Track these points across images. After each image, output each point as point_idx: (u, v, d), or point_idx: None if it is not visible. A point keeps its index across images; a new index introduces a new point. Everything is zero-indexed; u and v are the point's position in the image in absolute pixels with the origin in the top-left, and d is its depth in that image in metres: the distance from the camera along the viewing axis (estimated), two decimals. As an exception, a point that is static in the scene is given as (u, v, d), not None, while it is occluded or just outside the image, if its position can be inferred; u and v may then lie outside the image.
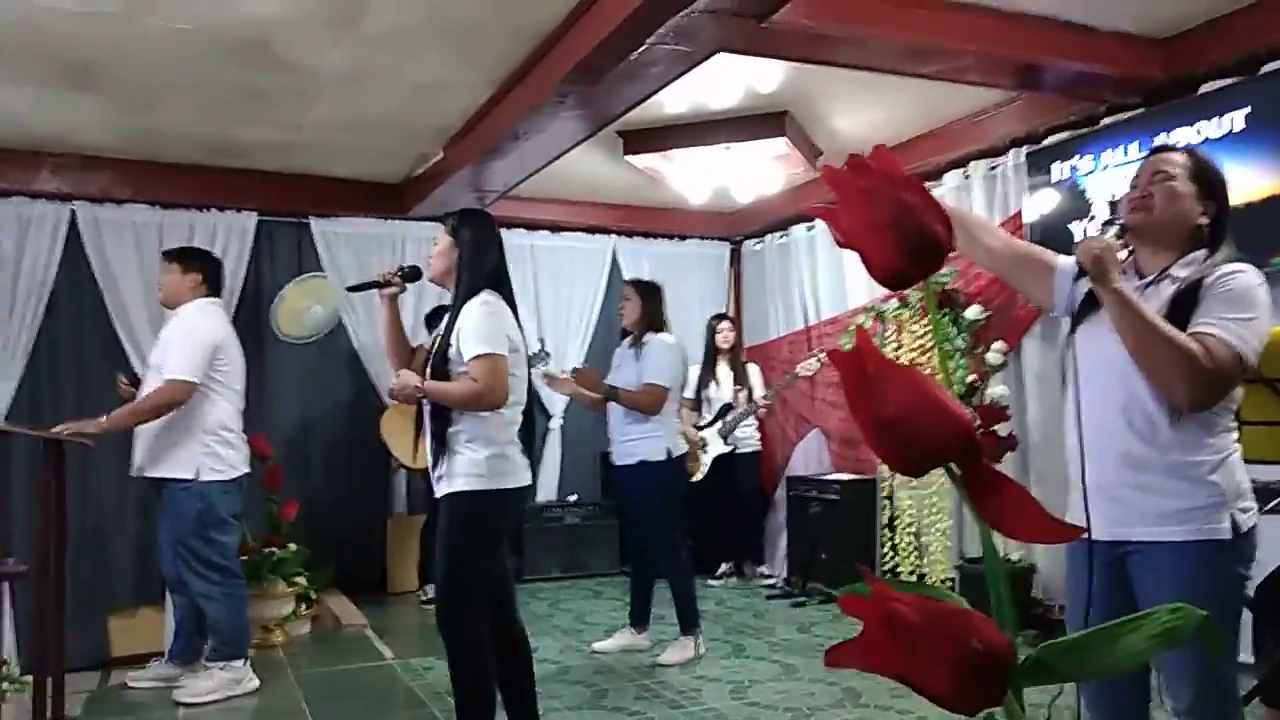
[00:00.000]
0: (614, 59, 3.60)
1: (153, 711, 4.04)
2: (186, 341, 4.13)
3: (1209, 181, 2.10)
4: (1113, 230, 2.06)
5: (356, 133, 5.24)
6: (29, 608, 4.98)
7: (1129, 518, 2.00)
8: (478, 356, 2.96)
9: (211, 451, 4.12)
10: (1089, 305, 2.08)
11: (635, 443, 4.60)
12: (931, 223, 0.91)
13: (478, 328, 2.99)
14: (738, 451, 6.38)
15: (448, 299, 3.26)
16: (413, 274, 3.36)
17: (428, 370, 3.09)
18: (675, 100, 4.86)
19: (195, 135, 5.23)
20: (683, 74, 3.79)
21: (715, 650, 4.67)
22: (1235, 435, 2.05)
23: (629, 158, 5.41)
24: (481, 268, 3.12)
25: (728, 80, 4.64)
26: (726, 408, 6.36)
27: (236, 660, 4.16)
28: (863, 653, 0.83)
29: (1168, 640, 0.87)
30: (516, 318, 3.17)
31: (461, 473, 2.98)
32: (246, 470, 4.33)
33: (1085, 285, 2.08)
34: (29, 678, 3.86)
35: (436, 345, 3.10)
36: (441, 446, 3.01)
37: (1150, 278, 2.09)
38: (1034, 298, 2.33)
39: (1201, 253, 2.06)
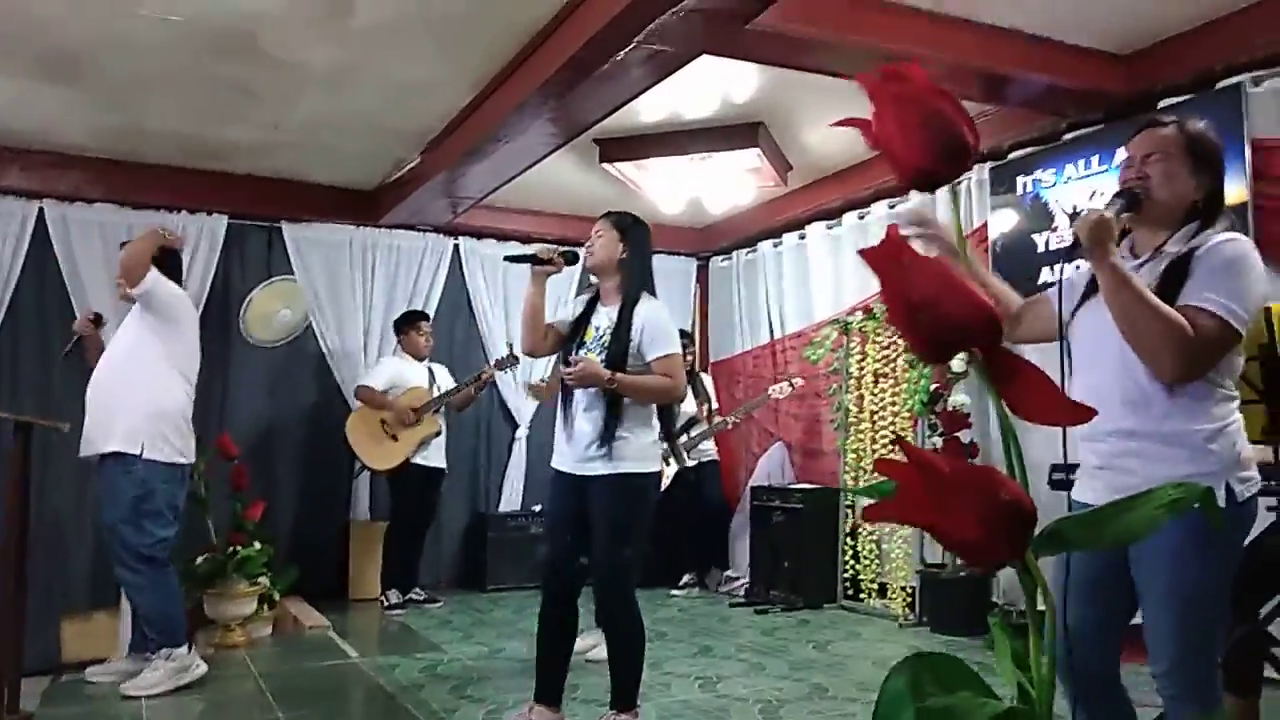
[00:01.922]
0: (601, 58, 3.69)
1: (111, 704, 3.96)
2: (171, 285, 4.17)
3: (1202, 156, 2.08)
4: (1116, 205, 2.04)
5: (336, 134, 5.27)
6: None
7: (1126, 484, 1.91)
8: (668, 355, 3.24)
9: (159, 433, 4.05)
10: (1092, 288, 2.10)
11: None
12: (960, 126, 0.98)
13: (665, 329, 3.28)
14: (700, 462, 6.44)
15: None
16: (572, 258, 3.49)
17: (577, 354, 3.28)
18: (651, 108, 4.96)
19: (175, 134, 5.24)
20: (668, 75, 3.89)
21: (681, 650, 4.70)
22: (1235, 404, 2.04)
23: (605, 165, 5.48)
24: (648, 271, 3.39)
25: (703, 89, 4.74)
26: (691, 422, 6.42)
27: (179, 648, 4.09)
28: (898, 507, 0.90)
29: (1173, 510, 0.95)
30: None
31: (630, 455, 3.20)
32: (191, 460, 4.25)
33: (1087, 271, 2.10)
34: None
35: (614, 338, 3.24)
36: (609, 431, 3.18)
37: (1145, 257, 2.09)
38: (1045, 335, 2.26)
39: (1194, 225, 2.06)
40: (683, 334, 6.71)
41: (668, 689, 3.97)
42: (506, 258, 3.74)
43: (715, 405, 6.59)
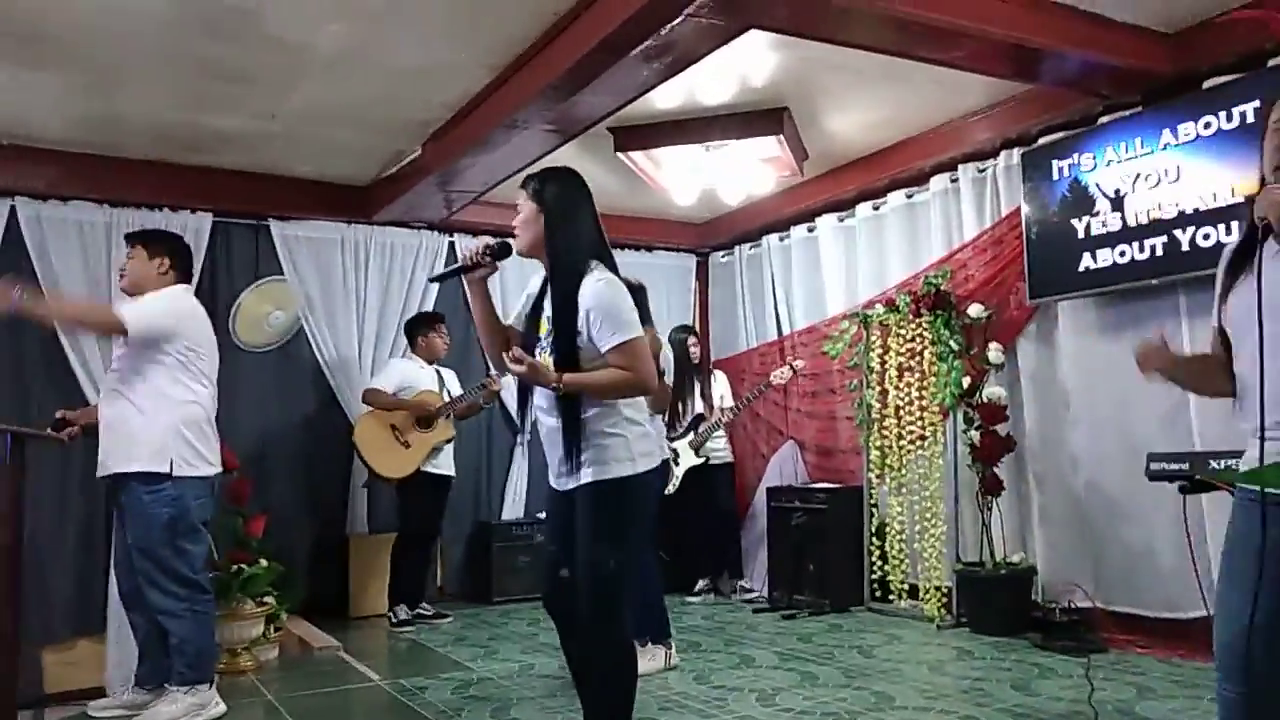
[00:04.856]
0: (644, 33, 3.46)
1: (121, 742, 3.66)
2: (154, 303, 3.80)
3: None
4: None
5: (333, 124, 4.98)
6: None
7: None
8: (625, 342, 2.65)
9: (187, 443, 3.76)
10: (1240, 265, 2.04)
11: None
12: None
13: (615, 310, 2.66)
14: (710, 463, 6.22)
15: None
16: (503, 250, 2.86)
17: (539, 355, 2.76)
18: (666, 95, 4.72)
19: (158, 124, 4.91)
20: (713, 50, 3.67)
21: (723, 660, 4.47)
22: None
23: (620, 155, 5.24)
24: (578, 235, 2.75)
25: (720, 72, 4.51)
26: (699, 419, 6.20)
27: (203, 684, 3.80)
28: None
29: None
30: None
31: (608, 459, 2.70)
32: (220, 470, 3.99)
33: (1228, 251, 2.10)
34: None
35: (556, 332, 2.71)
36: (575, 437, 2.70)
37: None
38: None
39: None
40: (686, 329, 6.49)
41: (725, 704, 3.73)
42: (430, 279, 3.25)
43: (730, 403, 6.36)
